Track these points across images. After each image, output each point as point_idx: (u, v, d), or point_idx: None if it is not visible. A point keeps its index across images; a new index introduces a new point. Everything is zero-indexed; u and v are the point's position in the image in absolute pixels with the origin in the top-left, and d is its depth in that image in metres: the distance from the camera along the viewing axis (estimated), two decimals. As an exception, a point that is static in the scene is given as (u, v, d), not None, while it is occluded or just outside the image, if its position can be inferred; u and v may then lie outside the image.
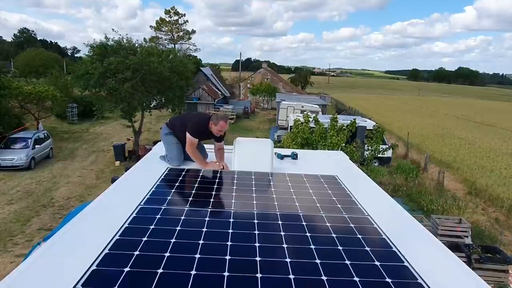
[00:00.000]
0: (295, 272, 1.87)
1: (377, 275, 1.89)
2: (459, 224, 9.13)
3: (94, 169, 16.53)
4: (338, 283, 1.79)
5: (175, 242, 2.11)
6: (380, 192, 3.32)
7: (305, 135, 8.48)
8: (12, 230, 10.29)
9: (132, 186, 3.12)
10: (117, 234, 2.16)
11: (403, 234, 2.40)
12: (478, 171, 15.96)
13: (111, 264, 1.84)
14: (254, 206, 2.72)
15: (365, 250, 2.14)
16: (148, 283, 1.70)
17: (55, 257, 1.92)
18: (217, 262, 1.92)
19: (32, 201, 12.60)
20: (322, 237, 2.27)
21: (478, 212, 12.02)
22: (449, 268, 2.04)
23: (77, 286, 1.65)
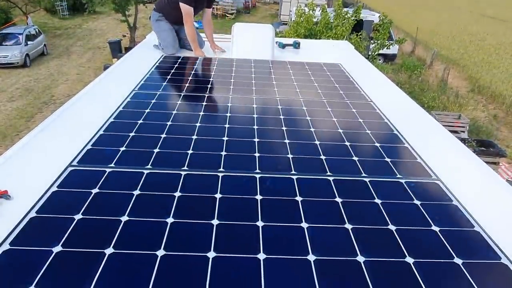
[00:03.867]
0: (294, 152, 1.85)
1: (376, 155, 1.87)
2: (458, 119, 9.19)
3: (92, 67, 16.15)
4: (336, 162, 1.78)
5: (171, 124, 2.06)
6: (385, 80, 3.19)
7: (309, 25, 7.99)
8: (17, 126, 10.46)
9: (125, 73, 2.99)
10: (112, 116, 2.10)
11: (405, 119, 2.34)
12: (484, 68, 15.55)
13: (106, 144, 1.82)
14: (253, 93, 2.62)
15: (366, 133, 2.10)
16: (145, 161, 1.69)
17: (50, 138, 1.89)
18: (216, 144, 1.89)
19: (32, 98, 12.57)
20: (323, 122, 2.22)
21: (479, 109, 12.03)
22: (452, 152, 2.02)
23: (73, 164, 1.64)
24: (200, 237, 1.26)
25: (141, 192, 1.47)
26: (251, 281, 1.09)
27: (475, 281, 1.14)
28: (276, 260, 1.18)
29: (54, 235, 1.23)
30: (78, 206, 1.37)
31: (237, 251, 1.20)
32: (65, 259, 1.13)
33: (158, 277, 1.09)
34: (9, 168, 1.62)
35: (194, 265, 1.14)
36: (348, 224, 1.36)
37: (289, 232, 1.31)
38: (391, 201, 1.51)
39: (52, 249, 1.17)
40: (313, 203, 1.47)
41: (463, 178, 1.74)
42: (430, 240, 1.30)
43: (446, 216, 1.44)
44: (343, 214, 1.41)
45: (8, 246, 1.17)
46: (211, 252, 1.19)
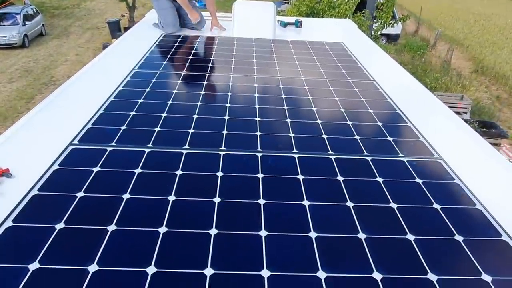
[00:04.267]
0: (295, 131, 1.84)
1: (378, 134, 1.86)
2: (460, 100, 9.13)
3: (91, 47, 15.97)
4: (338, 141, 1.77)
5: (172, 103, 2.05)
6: (388, 59, 3.15)
7: (312, 4, 7.84)
8: (17, 107, 10.43)
9: (125, 52, 2.95)
10: (112, 96, 2.08)
11: (408, 98, 2.32)
12: (488, 49, 15.35)
13: (107, 123, 1.80)
14: (254, 72, 2.59)
15: (368, 112, 2.09)
16: (146, 140, 1.68)
17: (50, 117, 1.88)
18: (217, 123, 1.87)
19: (32, 79, 12.49)
20: (325, 101, 2.20)
21: (481, 90, 11.94)
22: (455, 131, 2.01)
23: (74, 142, 1.63)
24: (202, 214, 1.26)
25: (142, 171, 1.47)
26: (253, 257, 1.10)
27: (476, 257, 1.14)
28: (278, 237, 1.18)
29: (56, 212, 1.23)
30: (80, 184, 1.37)
31: (239, 228, 1.21)
32: (67, 236, 1.14)
33: (160, 253, 1.10)
34: (9, 147, 1.61)
35: (196, 242, 1.14)
36: (350, 202, 1.36)
37: (290, 209, 1.31)
38: (392, 179, 1.50)
39: (54, 226, 1.17)
40: (315, 181, 1.47)
41: (465, 157, 1.73)
42: (431, 218, 1.31)
43: (448, 194, 1.43)
44: (345, 192, 1.41)
45: (10, 223, 1.18)
46: (213, 229, 1.20)
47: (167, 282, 1.01)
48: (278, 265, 1.08)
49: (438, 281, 1.06)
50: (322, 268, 1.08)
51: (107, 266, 1.04)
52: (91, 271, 1.02)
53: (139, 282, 1.00)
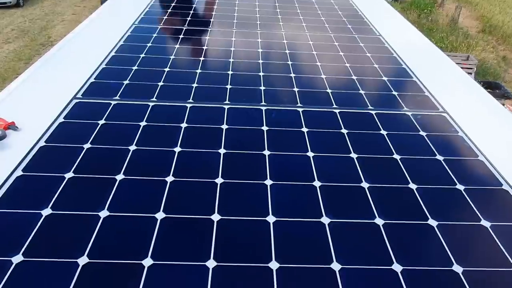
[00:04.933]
0: (300, 86, 1.82)
1: (384, 88, 1.85)
2: (466, 61, 8.97)
3: (87, 6, 15.50)
4: (343, 95, 1.76)
5: (174, 58, 2.02)
6: (395, 15, 3.06)
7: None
8: (16, 69, 10.31)
9: (124, 7, 2.86)
10: (113, 50, 2.05)
11: (414, 53, 2.28)
12: (497, 7, 14.86)
13: (109, 78, 1.79)
14: (258, 27, 2.53)
15: (373, 67, 2.06)
16: (149, 94, 1.67)
17: (52, 72, 1.86)
18: (221, 78, 1.85)
19: (29, 40, 12.24)
20: (330, 56, 2.16)
21: (488, 50, 11.69)
22: (461, 86, 1.98)
23: (77, 96, 1.63)
24: (208, 165, 1.28)
25: (147, 123, 1.47)
26: (259, 205, 1.13)
27: (476, 205, 1.17)
28: (283, 186, 1.21)
29: (65, 162, 1.25)
30: (86, 136, 1.38)
31: (244, 177, 1.23)
32: (77, 184, 1.17)
33: (168, 201, 1.12)
34: (13, 101, 1.61)
35: (203, 190, 1.17)
36: (353, 153, 1.38)
37: (295, 160, 1.33)
38: (396, 132, 1.51)
39: (64, 175, 1.20)
40: (319, 133, 1.48)
41: (470, 111, 1.73)
42: (434, 168, 1.32)
43: (451, 146, 1.45)
44: (349, 144, 1.42)
45: (20, 172, 1.20)
46: (219, 179, 1.22)
47: (176, 227, 1.04)
48: (283, 212, 1.11)
49: (438, 226, 1.09)
50: (326, 215, 1.11)
51: (117, 212, 1.08)
52: (102, 217, 1.06)
53: (149, 227, 1.03)
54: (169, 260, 0.95)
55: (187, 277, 0.91)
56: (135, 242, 0.99)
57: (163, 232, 1.02)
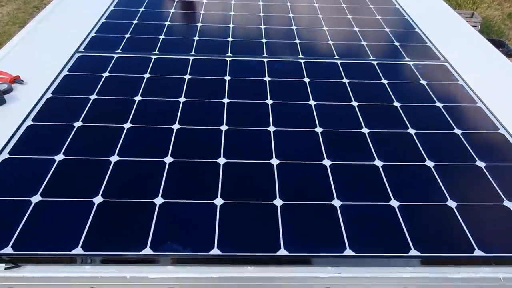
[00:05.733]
0: (301, 38, 1.82)
1: (386, 39, 1.84)
2: (470, 18, 8.75)
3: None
4: (344, 46, 1.76)
5: (175, 12, 2.00)
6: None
7: None
8: (11, 33, 10.08)
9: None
10: (112, 5, 2.02)
11: (418, 4, 2.24)
12: (506, -39, 14.28)
13: (110, 32, 1.78)
14: None
15: (376, 19, 2.04)
16: (151, 47, 1.67)
17: (51, 27, 1.85)
18: (222, 31, 1.84)
19: (22, 2, 11.88)
20: (331, 8, 2.13)
21: (493, 7, 11.37)
22: (463, 37, 1.97)
23: (80, 50, 1.63)
24: (213, 113, 1.31)
25: (151, 75, 1.49)
26: (262, 149, 1.17)
27: (472, 147, 1.21)
28: (286, 132, 1.24)
29: (72, 112, 1.28)
30: (91, 87, 1.40)
31: (248, 124, 1.27)
32: (87, 132, 1.20)
33: (175, 146, 1.16)
34: (16, 56, 1.62)
35: (208, 137, 1.21)
36: (354, 101, 1.40)
37: (297, 108, 1.36)
38: (397, 81, 1.53)
39: (73, 124, 1.23)
40: (320, 83, 1.49)
41: (471, 61, 1.73)
42: (433, 115, 1.36)
43: (451, 94, 1.47)
44: (350, 93, 1.45)
45: (31, 122, 1.23)
46: (224, 126, 1.25)
47: (184, 170, 1.09)
48: (286, 155, 1.15)
49: (435, 167, 1.14)
50: (328, 157, 1.15)
51: (127, 157, 1.12)
52: (113, 161, 1.10)
53: (158, 170, 1.08)
54: (179, 198, 1.00)
55: (196, 213, 0.96)
56: (146, 183, 1.04)
57: (172, 175, 1.07)
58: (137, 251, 0.87)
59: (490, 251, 0.91)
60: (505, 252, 0.91)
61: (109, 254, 0.87)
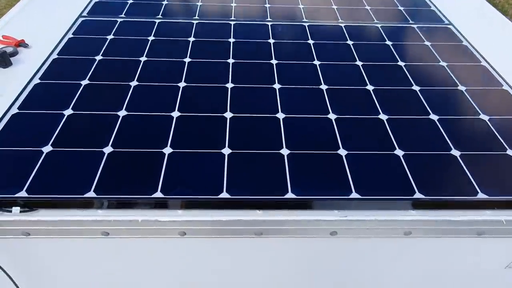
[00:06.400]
0: (305, 3, 1.81)
1: (389, 3, 1.83)
2: None
3: None
4: (348, 11, 1.75)
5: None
6: None
7: None
8: (9, 16, 9.99)
9: None
10: (114, -28, 2.01)
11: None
12: None
13: (113, -3, 1.78)
14: None
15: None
16: (155, 12, 1.67)
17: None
18: None
19: (19, -15, 11.74)
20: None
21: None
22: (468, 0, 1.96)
23: (83, 14, 1.63)
24: (218, 72, 1.32)
25: (156, 38, 1.49)
26: (268, 104, 1.18)
27: (476, 103, 1.22)
28: (291, 89, 1.25)
29: (79, 71, 1.29)
30: (97, 49, 1.41)
31: (253, 82, 1.28)
32: (93, 90, 1.21)
33: (182, 102, 1.18)
34: (20, 20, 1.62)
35: (215, 94, 1.22)
36: (359, 61, 1.41)
37: (302, 68, 1.36)
38: (401, 42, 1.53)
39: (80, 82, 1.24)
40: (325, 45, 1.50)
41: (476, 23, 1.73)
42: (437, 72, 1.36)
43: (455, 54, 1.47)
44: (354, 53, 1.45)
45: (38, 80, 1.24)
46: (229, 84, 1.26)
47: (191, 123, 1.10)
48: (292, 110, 1.17)
49: (439, 120, 1.15)
50: (333, 112, 1.17)
51: (135, 111, 1.13)
52: (121, 115, 1.12)
53: (165, 124, 1.10)
54: (188, 149, 1.02)
55: (205, 161, 0.98)
56: (154, 135, 1.05)
57: (180, 127, 1.08)
58: (148, 194, 0.89)
59: (493, 194, 0.93)
60: (507, 195, 0.93)
61: (121, 197, 0.89)
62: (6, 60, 1.35)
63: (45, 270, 1.02)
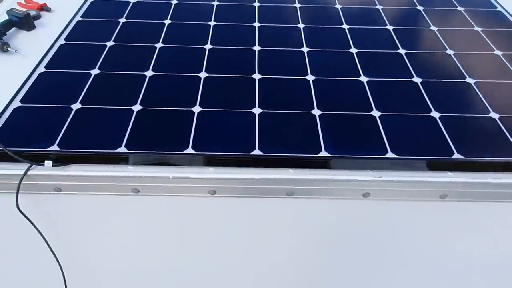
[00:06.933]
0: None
1: None
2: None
3: None
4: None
5: None
6: None
7: None
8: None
9: None
10: None
11: None
12: None
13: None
14: None
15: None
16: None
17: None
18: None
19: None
20: None
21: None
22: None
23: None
24: (244, 35, 1.28)
25: (179, 2, 1.46)
26: (297, 66, 1.15)
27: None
28: (319, 52, 1.22)
29: (104, 33, 1.27)
30: (120, 13, 1.38)
31: (281, 45, 1.24)
32: (119, 51, 1.19)
33: (209, 64, 1.15)
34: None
35: (242, 56, 1.19)
36: (389, 26, 1.36)
37: (330, 31, 1.32)
38: (434, 7, 1.47)
39: (105, 43, 1.22)
40: (352, 9, 1.45)
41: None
42: (472, 38, 1.31)
43: (490, 19, 1.41)
44: (384, 18, 1.40)
45: (63, 41, 1.23)
46: (256, 46, 1.23)
47: (219, 84, 1.08)
48: (321, 72, 1.13)
49: (475, 83, 1.11)
50: (364, 74, 1.13)
51: (162, 72, 1.11)
52: (148, 75, 1.10)
53: (194, 83, 1.07)
54: (218, 108, 1.00)
55: (235, 120, 0.96)
56: (183, 94, 1.04)
57: (208, 88, 1.06)
58: (180, 150, 0.88)
59: (535, 157, 0.89)
60: (551, 157, 0.89)
61: (152, 153, 0.88)
62: (30, 22, 1.34)
63: (74, 227, 1.02)
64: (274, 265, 1.11)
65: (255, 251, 1.07)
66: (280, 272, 1.13)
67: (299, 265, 1.11)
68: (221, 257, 1.08)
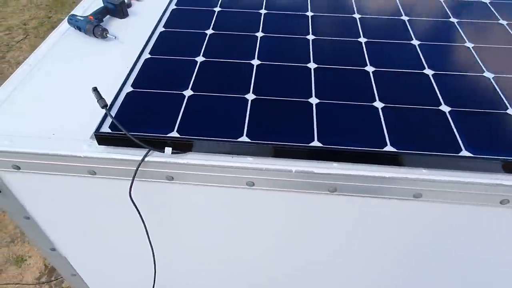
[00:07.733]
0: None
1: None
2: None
3: None
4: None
5: None
6: None
7: None
8: None
9: None
10: None
11: None
12: None
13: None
14: None
15: None
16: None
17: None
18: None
19: None
20: None
21: None
22: None
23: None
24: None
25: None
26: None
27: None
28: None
29: (200, 22, 1.24)
30: (215, 1, 1.35)
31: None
32: (221, 39, 1.15)
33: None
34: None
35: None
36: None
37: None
38: None
39: (205, 31, 1.19)
40: (457, 2, 1.35)
41: None
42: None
43: None
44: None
45: (162, 28, 1.20)
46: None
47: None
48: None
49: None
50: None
51: (268, 61, 1.06)
52: (255, 64, 1.05)
53: (305, 75, 1.02)
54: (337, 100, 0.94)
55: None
56: (297, 85, 0.98)
57: (322, 80, 1.00)
58: (304, 143, 0.82)
59: None
60: None
61: (275, 144, 0.82)
62: (124, 10, 1.33)
63: (179, 218, 0.99)
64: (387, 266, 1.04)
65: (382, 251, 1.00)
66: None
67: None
68: (346, 256, 1.03)
